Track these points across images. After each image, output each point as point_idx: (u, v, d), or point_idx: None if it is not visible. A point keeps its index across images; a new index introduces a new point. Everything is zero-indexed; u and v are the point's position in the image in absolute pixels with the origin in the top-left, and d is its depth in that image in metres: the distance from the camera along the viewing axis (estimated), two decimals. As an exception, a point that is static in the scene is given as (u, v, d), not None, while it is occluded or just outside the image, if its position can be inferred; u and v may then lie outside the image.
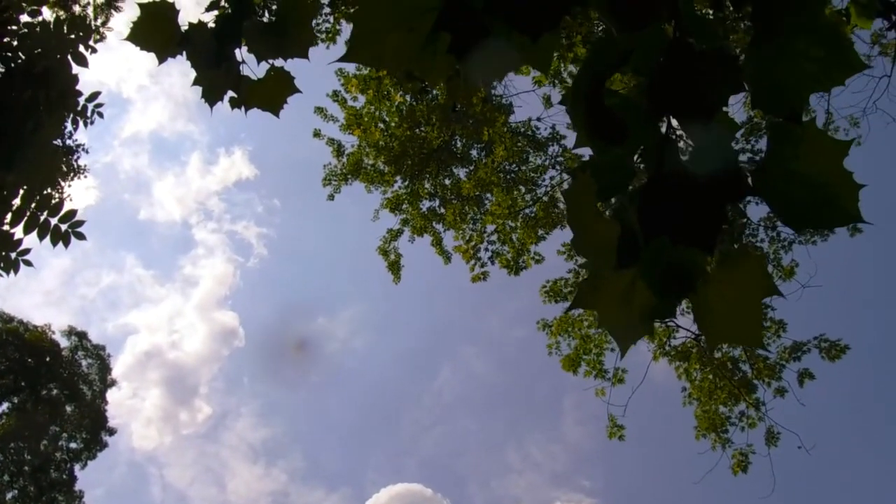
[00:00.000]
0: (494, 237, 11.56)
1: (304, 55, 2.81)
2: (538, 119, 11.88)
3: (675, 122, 1.39)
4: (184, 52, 2.80)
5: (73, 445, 18.98)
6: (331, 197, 13.44)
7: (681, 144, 1.40)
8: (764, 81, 1.38)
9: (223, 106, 2.86)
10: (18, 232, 4.83)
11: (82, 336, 19.06)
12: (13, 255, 4.63)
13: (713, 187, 1.34)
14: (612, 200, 1.47)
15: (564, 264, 11.72)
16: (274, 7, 2.79)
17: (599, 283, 1.52)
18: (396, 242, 13.45)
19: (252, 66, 2.81)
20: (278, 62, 2.83)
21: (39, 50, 4.57)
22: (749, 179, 1.35)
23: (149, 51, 2.83)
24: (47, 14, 4.58)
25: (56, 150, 4.21)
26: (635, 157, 1.43)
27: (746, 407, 10.57)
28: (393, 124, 11.72)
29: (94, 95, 5.04)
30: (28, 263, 4.68)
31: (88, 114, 4.88)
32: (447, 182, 13.12)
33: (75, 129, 4.26)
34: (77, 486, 18.91)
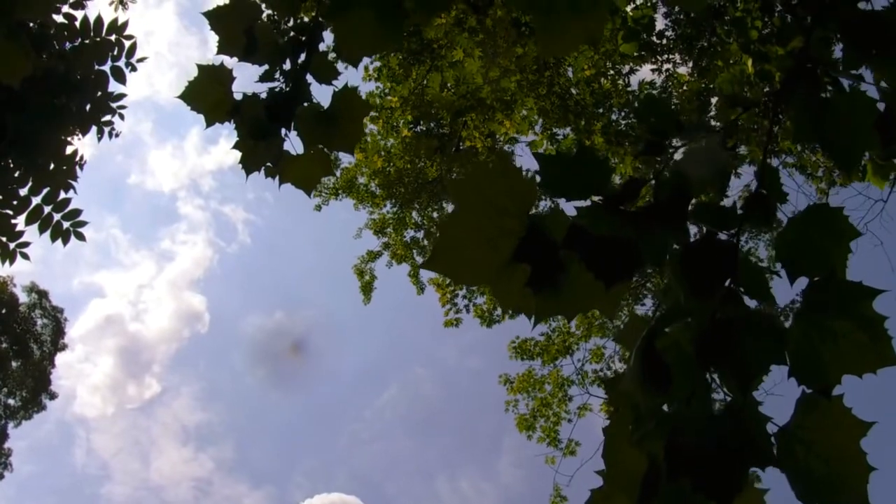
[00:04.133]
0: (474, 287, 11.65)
1: (351, 151, 2.88)
2: (536, 173, 11.97)
3: (714, 376, 1.48)
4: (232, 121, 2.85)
5: (10, 402, 18.74)
6: (318, 208, 13.50)
7: (715, 397, 1.49)
8: (804, 354, 1.47)
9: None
10: (20, 222, 4.84)
11: (43, 295, 18.85)
12: (12, 245, 4.63)
13: (739, 448, 1.43)
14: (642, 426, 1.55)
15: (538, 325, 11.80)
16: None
17: (611, 496, 1.60)
18: (373, 264, 13.54)
19: (294, 141, 2.87)
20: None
21: (78, 41, 4.59)
22: (774, 450, 1.44)
23: (199, 112, 2.87)
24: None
25: (75, 158, 4.23)
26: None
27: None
28: (395, 152, 11.80)
29: (119, 97, 5.06)
30: (25, 256, 4.68)
31: (112, 116, 4.89)
32: (435, 215, 13.23)
33: (99, 140, 4.28)
34: (6, 444, 18.73)
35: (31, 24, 4.50)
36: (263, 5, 3.00)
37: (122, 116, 5.13)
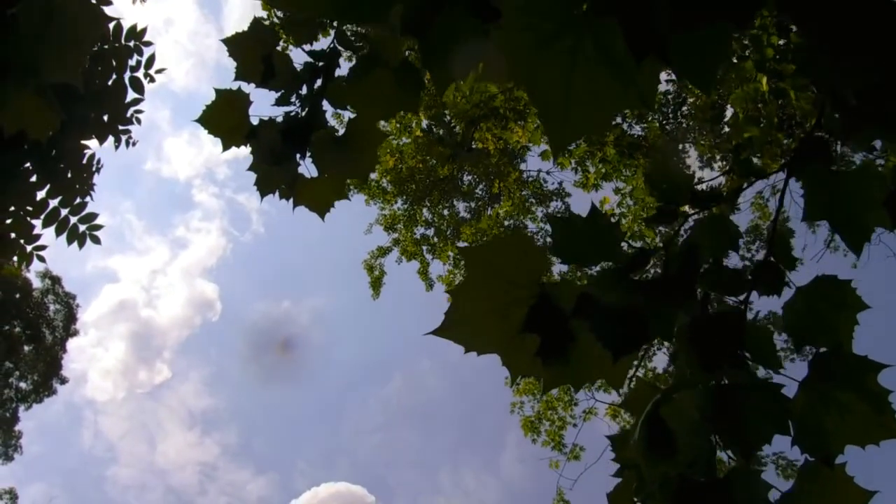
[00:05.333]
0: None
1: (365, 179, 2.90)
2: (547, 172, 11.98)
3: (719, 441, 1.51)
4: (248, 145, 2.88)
5: (22, 385, 18.96)
6: (330, 203, 13.46)
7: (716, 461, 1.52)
8: (808, 424, 1.49)
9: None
10: (38, 225, 4.89)
11: (56, 280, 19.01)
12: (29, 248, 4.68)
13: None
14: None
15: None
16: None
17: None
18: (383, 259, 13.60)
19: (309, 164, 2.89)
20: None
21: (97, 46, 4.63)
22: (776, 518, 1.47)
23: (216, 136, 2.89)
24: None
25: (92, 164, 4.27)
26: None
27: None
28: (407, 152, 11.81)
29: (136, 101, 5.09)
30: (41, 259, 4.73)
31: (130, 118, 4.92)
32: (446, 213, 13.27)
33: (116, 148, 4.32)
34: (17, 427, 18.97)
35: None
36: (282, 32, 3.03)
37: (139, 121, 5.17)
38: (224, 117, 2.88)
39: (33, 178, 4.50)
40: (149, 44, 4.80)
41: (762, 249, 10.31)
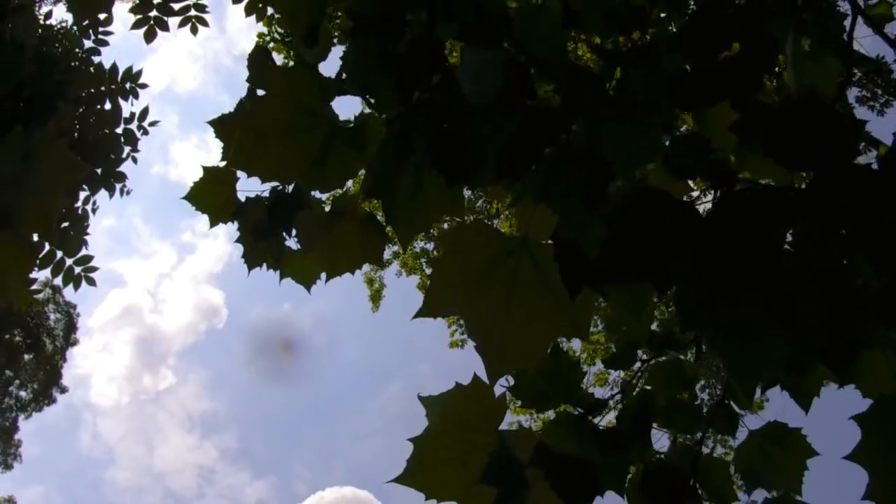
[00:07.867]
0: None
1: (350, 265, 2.95)
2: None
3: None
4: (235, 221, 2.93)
5: (22, 394, 19.02)
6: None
7: None
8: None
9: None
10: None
11: (56, 290, 19.06)
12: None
13: None
14: None
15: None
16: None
17: None
18: (383, 272, 13.67)
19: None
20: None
21: (92, 90, 4.68)
22: None
23: (203, 212, 2.94)
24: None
25: (87, 218, 4.33)
26: None
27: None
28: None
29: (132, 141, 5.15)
30: (36, 302, 4.81)
31: (122, 174, 4.95)
32: (445, 226, 13.32)
33: (111, 198, 4.36)
34: (16, 436, 19.06)
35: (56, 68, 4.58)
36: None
37: (134, 160, 5.23)
38: (211, 194, 2.92)
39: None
40: (144, 86, 4.86)
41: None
